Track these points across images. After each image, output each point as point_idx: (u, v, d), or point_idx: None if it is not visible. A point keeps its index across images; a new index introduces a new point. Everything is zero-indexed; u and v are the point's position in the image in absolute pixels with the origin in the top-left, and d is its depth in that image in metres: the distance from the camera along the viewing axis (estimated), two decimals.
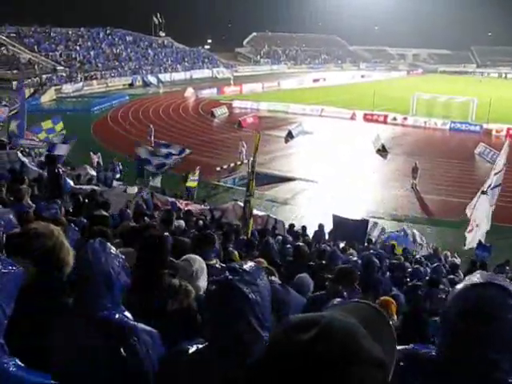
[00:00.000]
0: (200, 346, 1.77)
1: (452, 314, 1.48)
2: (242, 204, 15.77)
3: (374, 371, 0.81)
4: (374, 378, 0.81)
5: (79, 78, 57.40)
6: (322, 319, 0.83)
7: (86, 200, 8.48)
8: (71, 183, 12.65)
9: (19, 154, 14.08)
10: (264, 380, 0.82)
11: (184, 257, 3.61)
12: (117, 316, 2.11)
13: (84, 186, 13.00)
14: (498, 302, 1.43)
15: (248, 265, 1.78)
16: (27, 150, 18.81)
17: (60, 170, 9.26)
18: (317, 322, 0.83)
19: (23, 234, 2.38)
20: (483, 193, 13.35)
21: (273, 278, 2.43)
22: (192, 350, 1.78)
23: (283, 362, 0.80)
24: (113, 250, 2.21)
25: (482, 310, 1.44)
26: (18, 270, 1.42)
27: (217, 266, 4.26)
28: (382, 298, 4.79)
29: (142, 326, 2.12)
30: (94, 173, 18.97)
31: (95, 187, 13.11)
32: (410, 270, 9.76)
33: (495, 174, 13.49)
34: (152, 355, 1.99)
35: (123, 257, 2.24)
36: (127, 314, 2.16)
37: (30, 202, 6.38)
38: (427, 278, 7.99)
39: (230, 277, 1.69)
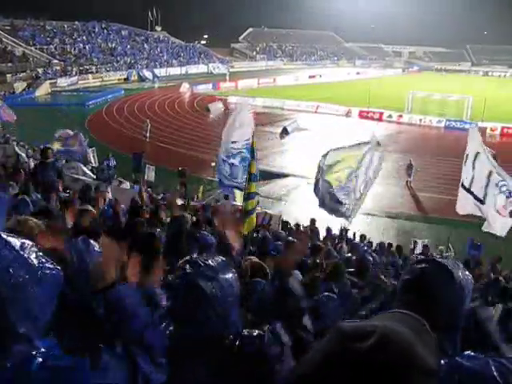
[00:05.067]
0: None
1: (398, 289, 1.57)
2: (232, 202, 15.69)
3: (428, 380, 0.81)
4: None
5: (74, 72, 57.13)
6: (377, 328, 0.82)
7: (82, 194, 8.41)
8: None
9: (16, 148, 14.01)
10: None
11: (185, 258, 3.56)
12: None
13: (82, 177, 12.92)
14: (430, 278, 1.52)
15: (214, 259, 1.78)
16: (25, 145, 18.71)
17: (55, 163, 9.18)
18: (372, 331, 0.82)
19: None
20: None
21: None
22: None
23: (341, 370, 0.78)
24: (97, 248, 2.18)
25: (420, 282, 1.52)
26: (57, 272, 1.41)
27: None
28: None
29: None
30: (87, 170, 18.84)
31: (89, 179, 13.05)
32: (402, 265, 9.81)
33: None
34: None
35: None
36: None
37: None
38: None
39: (189, 270, 1.70)
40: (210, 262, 1.75)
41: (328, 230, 14.51)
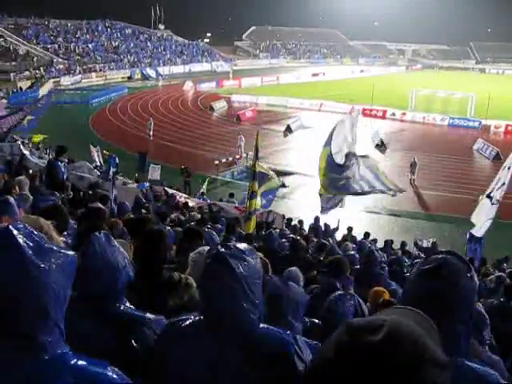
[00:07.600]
0: (194, 319, 1.81)
1: (413, 275, 1.65)
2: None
3: (439, 372, 0.82)
4: (439, 378, 0.82)
5: (78, 71, 57.21)
6: (387, 322, 0.84)
7: (90, 192, 8.46)
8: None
9: (21, 147, 14.10)
10: (334, 382, 0.82)
11: (197, 249, 3.60)
12: (122, 308, 2.14)
13: (86, 175, 12.98)
14: (453, 267, 1.58)
15: (242, 244, 1.83)
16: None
17: (61, 163, 9.21)
18: (382, 324, 0.83)
19: None
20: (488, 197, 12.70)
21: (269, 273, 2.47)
22: (186, 323, 1.82)
23: (352, 363, 0.80)
24: (117, 243, 2.22)
25: (443, 270, 1.57)
26: (73, 257, 1.45)
27: None
28: (374, 288, 4.80)
29: (149, 315, 2.15)
30: (92, 167, 18.95)
31: (94, 178, 13.11)
32: (407, 264, 9.81)
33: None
34: None
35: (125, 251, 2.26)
36: (129, 305, 2.18)
37: (27, 193, 6.34)
38: None
39: (222, 250, 1.74)
40: (238, 245, 1.80)
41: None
